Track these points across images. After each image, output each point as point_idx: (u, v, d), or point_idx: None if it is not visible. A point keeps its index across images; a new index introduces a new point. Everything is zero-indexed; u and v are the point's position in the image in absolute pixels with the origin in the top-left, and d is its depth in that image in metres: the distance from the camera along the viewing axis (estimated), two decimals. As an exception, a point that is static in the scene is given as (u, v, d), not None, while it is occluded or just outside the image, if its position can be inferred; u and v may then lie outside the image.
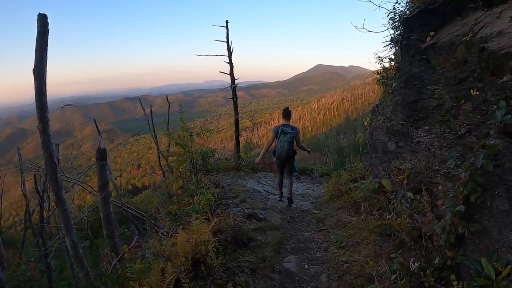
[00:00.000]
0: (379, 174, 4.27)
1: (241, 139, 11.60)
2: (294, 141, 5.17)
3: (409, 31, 3.73)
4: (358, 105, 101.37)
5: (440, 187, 2.94)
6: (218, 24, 10.99)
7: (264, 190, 6.35)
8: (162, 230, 5.23)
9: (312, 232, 4.10)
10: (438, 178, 2.98)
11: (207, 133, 9.34)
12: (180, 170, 8.30)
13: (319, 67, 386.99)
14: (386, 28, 4.16)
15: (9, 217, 28.70)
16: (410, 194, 3.43)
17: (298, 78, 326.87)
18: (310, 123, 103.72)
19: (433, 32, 3.45)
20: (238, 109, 10.91)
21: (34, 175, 9.85)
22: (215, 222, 3.48)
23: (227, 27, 10.91)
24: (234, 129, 11.03)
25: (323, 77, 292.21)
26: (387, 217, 3.00)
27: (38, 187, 7.15)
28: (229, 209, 4.69)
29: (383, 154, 4.15)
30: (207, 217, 4.61)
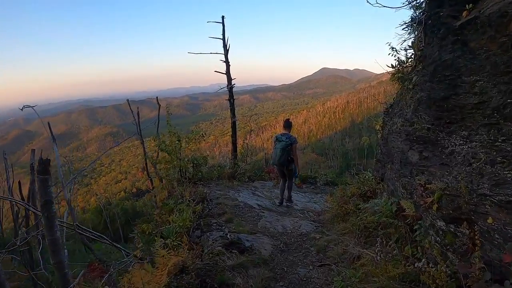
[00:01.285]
0: (396, 191, 3.36)
1: (240, 144, 10.79)
2: (290, 148, 5.32)
3: (438, 6, 2.84)
4: (363, 108, 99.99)
5: (490, 220, 2.05)
6: (214, 21, 10.20)
7: (258, 205, 5.45)
8: (130, 256, 4.39)
9: (310, 267, 3.17)
10: (487, 206, 2.09)
11: (202, 138, 8.50)
12: (168, 179, 7.50)
13: (324, 70, 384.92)
14: (403, 4, 3.28)
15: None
16: (441, 224, 2.53)
17: (304, 81, 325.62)
18: (315, 126, 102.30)
19: (471, 5, 2.54)
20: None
21: (19, 181, 9.25)
22: (179, 259, 2.60)
23: (223, 23, 10.13)
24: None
25: (328, 80, 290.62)
26: (416, 265, 2.09)
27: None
28: (208, 233, 3.81)
29: (402, 166, 3.24)
30: (181, 241, 3.76)
